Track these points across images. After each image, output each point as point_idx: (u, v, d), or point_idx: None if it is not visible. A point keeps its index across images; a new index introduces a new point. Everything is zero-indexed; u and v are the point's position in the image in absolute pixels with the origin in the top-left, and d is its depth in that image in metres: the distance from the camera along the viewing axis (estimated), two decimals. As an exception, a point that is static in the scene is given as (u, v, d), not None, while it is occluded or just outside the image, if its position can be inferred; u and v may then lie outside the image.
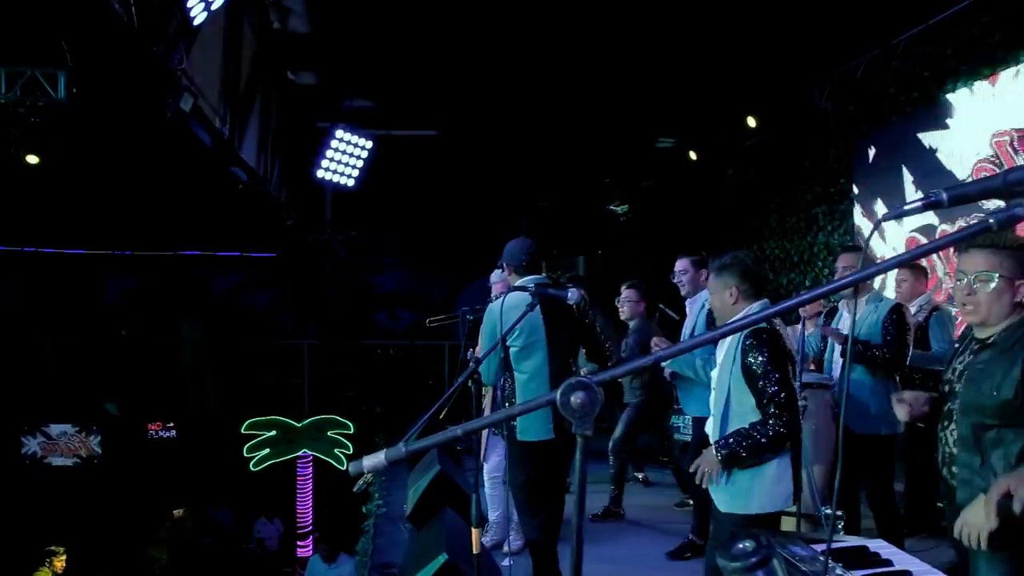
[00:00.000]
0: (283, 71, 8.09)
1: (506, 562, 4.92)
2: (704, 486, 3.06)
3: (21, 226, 10.99)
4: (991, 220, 1.14)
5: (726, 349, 3.14)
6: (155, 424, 10.19)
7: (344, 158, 9.63)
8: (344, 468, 10.39)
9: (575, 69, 8.60)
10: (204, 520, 10.83)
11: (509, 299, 3.53)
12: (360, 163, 9.76)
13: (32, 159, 7.34)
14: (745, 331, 3.02)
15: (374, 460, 1.27)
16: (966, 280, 2.34)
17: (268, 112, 7.88)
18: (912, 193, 7.21)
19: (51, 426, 9.81)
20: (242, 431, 10.19)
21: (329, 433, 10.41)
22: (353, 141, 9.59)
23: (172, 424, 10.23)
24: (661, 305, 9.12)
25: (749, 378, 2.99)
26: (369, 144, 9.71)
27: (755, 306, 3.12)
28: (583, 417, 1.18)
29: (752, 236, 10.08)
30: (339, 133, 9.40)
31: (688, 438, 7.37)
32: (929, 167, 6.98)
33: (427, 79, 8.93)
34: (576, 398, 1.18)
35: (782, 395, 2.93)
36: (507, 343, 3.62)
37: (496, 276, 5.59)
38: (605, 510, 5.94)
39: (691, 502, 6.25)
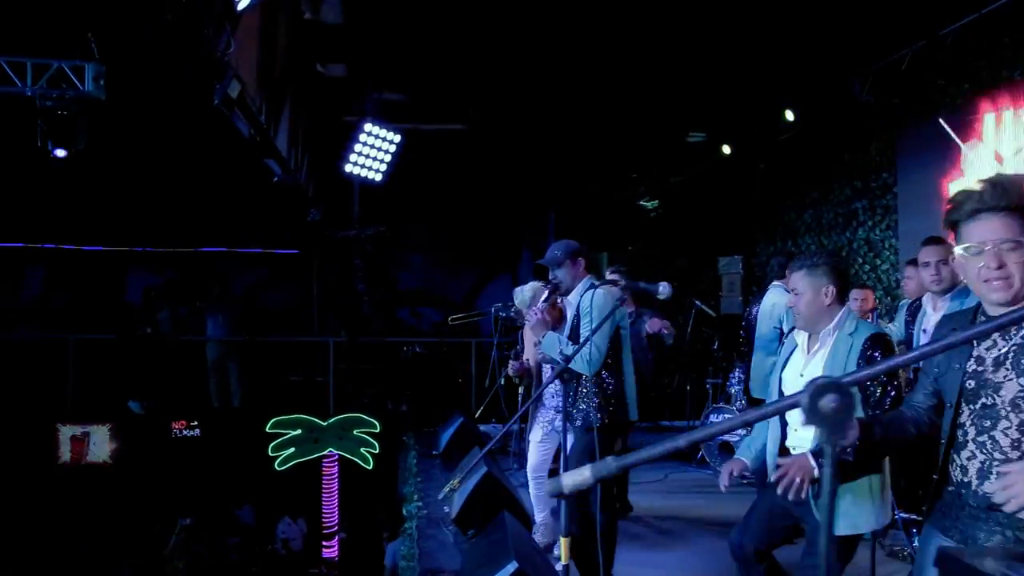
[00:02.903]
0: (313, 63, 7.93)
1: (557, 566, 4.77)
2: (791, 498, 2.67)
3: (44, 222, 10.87)
4: None
5: (828, 352, 2.92)
6: (179, 423, 10.03)
7: (372, 152, 9.48)
8: (371, 467, 10.25)
9: (606, 62, 8.43)
10: (229, 520, 10.67)
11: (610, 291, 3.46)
12: (388, 157, 9.60)
13: (60, 153, 7.19)
14: (867, 335, 2.86)
15: (577, 478, 1.09)
16: (990, 251, 1.95)
17: (299, 105, 7.72)
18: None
19: (75, 425, 9.68)
20: (267, 430, 10.02)
21: (355, 432, 10.23)
22: (381, 135, 9.43)
23: (196, 423, 10.07)
24: (697, 301, 8.97)
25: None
26: (397, 138, 9.54)
27: (843, 311, 2.95)
28: (835, 424, 1.01)
29: (787, 231, 9.90)
30: (367, 127, 9.25)
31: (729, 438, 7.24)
32: (980, 162, 6.79)
33: (457, 73, 8.78)
34: (828, 402, 1.01)
35: (887, 400, 2.77)
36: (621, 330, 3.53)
37: (529, 288, 5.35)
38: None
39: None
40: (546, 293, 4.47)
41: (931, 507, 2.25)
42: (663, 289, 2.92)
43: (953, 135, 6.70)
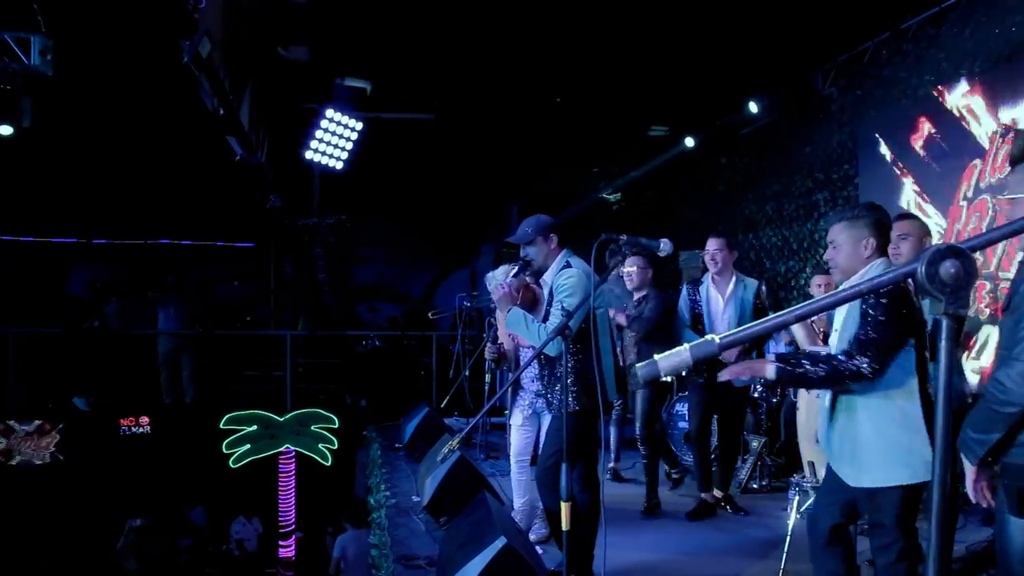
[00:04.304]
0: (276, 44, 7.70)
1: (539, 550, 4.66)
2: (724, 378, 2.90)
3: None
4: None
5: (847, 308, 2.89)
6: (128, 419, 9.65)
7: (334, 139, 9.26)
8: (329, 464, 10.00)
9: (569, 56, 8.39)
10: (181, 521, 10.29)
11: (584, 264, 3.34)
12: (350, 145, 9.40)
13: (4, 130, 6.83)
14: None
15: (675, 359, 0.99)
16: None
17: (261, 86, 7.48)
18: (925, 177, 7.12)
19: (14, 423, 9.23)
20: (221, 427, 9.71)
21: (313, 427, 9.99)
22: (343, 122, 9.22)
23: (146, 420, 9.70)
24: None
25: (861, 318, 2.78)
26: (359, 126, 9.34)
27: (879, 263, 2.90)
28: (955, 291, 0.92)
29: (748, 224, 9.99)
30: (329, 113, 9.03)
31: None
32: (940, 152, 6.91)
33: (421, 62, 8.64)
34: (947, 268, 0.92)
35: (879, 341, 2.70)
36: (595, 306, 3.40)
37: (502, 272, 5.28)
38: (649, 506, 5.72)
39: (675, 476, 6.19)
40: (515, 268, 4.27)
41: None
42: (664, 245, 2.85)
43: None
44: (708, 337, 1.01)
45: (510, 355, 5.13)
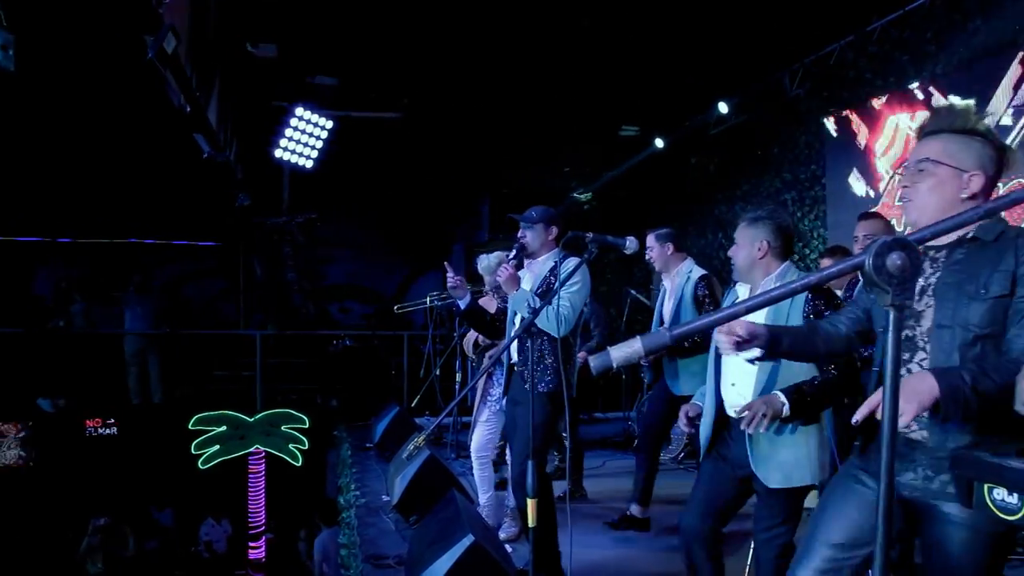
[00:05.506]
0: (244, 41, 7.62)
1: (507, 548, 4.67)
2: (750, 431, 2.73)
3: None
4: None
5: (775, 307, 2.97)
6: (94, 421, 9.49)
7: (304, 138, 9.19)
8: (299, 464, 9.93)
9: (540, 56, 8.41)
10: (148, 522, 10.15)
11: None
12: (319, 143, 9.33)
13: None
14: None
15: (627, 350, 1.00)
16: (909, 168, 2.01)
17: (229, 84, 7.40)
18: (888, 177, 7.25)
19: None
20: (189, 427, 9.59)
21: (283, 428, 9.91)
22: (313, 120, 9.16)
23: (113, 421, 9.55)
24: (631, 291, 9.03)
25: None
26: (329, 124, 9.28)
27: (787, 266, 3.00)
28: (901, 283, 0.94)
29: (718, 224, 10.08)
30: (299, 111, 8.96)
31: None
32: (905, 152, 7.04)
33: (391, 60, 8.61)
34: (894, 259, 0.94)
35: None
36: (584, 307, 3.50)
37: (495, 256, 5.32)
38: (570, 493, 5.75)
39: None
40: (514, 251, 4.27)
41: (862, 443, 2.16)
42: (630, 243, 2.88)
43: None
44: (661, 329, 1.02)
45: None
